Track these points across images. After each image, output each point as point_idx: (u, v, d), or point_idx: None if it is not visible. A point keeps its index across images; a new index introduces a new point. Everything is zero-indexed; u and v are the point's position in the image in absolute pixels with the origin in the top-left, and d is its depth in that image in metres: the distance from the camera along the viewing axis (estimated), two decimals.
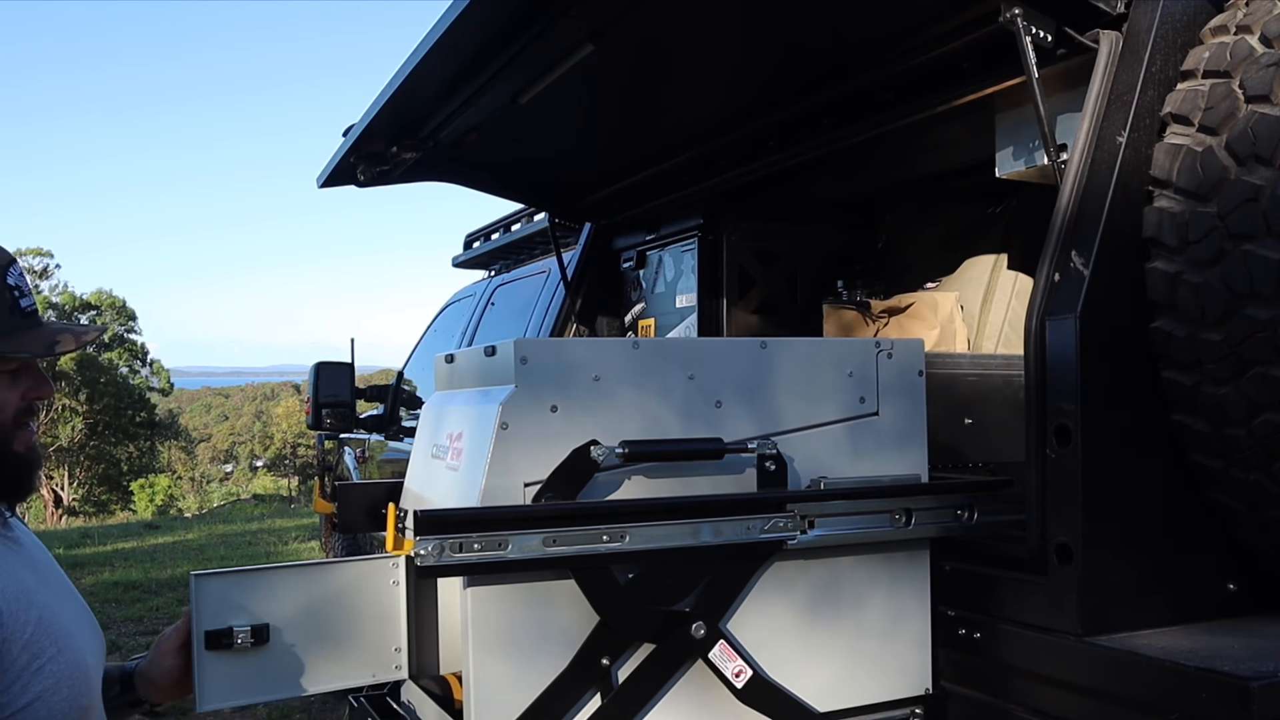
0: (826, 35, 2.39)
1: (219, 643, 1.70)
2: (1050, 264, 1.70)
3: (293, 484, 43.39)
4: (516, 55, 2.32)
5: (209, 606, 1.72)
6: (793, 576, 1.76)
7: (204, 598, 1.71)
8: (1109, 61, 1.78)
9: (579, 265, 3.92)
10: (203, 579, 1.73)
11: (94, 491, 34.50)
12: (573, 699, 1.60)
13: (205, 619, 1.71)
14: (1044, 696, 1.68)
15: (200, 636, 1.69)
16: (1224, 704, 1.39)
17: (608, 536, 1.57)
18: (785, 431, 1.77)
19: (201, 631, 1.70)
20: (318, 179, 3.21)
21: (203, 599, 1.71)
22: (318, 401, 5.06)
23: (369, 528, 2.08)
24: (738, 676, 1.68)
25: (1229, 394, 1.59)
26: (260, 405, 69.18)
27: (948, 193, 3.22)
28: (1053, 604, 1.65)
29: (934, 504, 1.81)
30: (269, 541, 12.87)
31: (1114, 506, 1.64)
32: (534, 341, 1.68)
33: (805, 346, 1.83)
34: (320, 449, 7.26)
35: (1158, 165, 1.68)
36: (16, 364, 1.51)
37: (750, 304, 3.55)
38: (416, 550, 1.46)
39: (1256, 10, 1.66)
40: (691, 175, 3.27)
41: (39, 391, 1.55)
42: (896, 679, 1.83)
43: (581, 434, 1.63)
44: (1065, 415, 1.63)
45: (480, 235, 5.72)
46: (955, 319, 2.81)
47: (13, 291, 1.50)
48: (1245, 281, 1.54)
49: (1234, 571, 1.75)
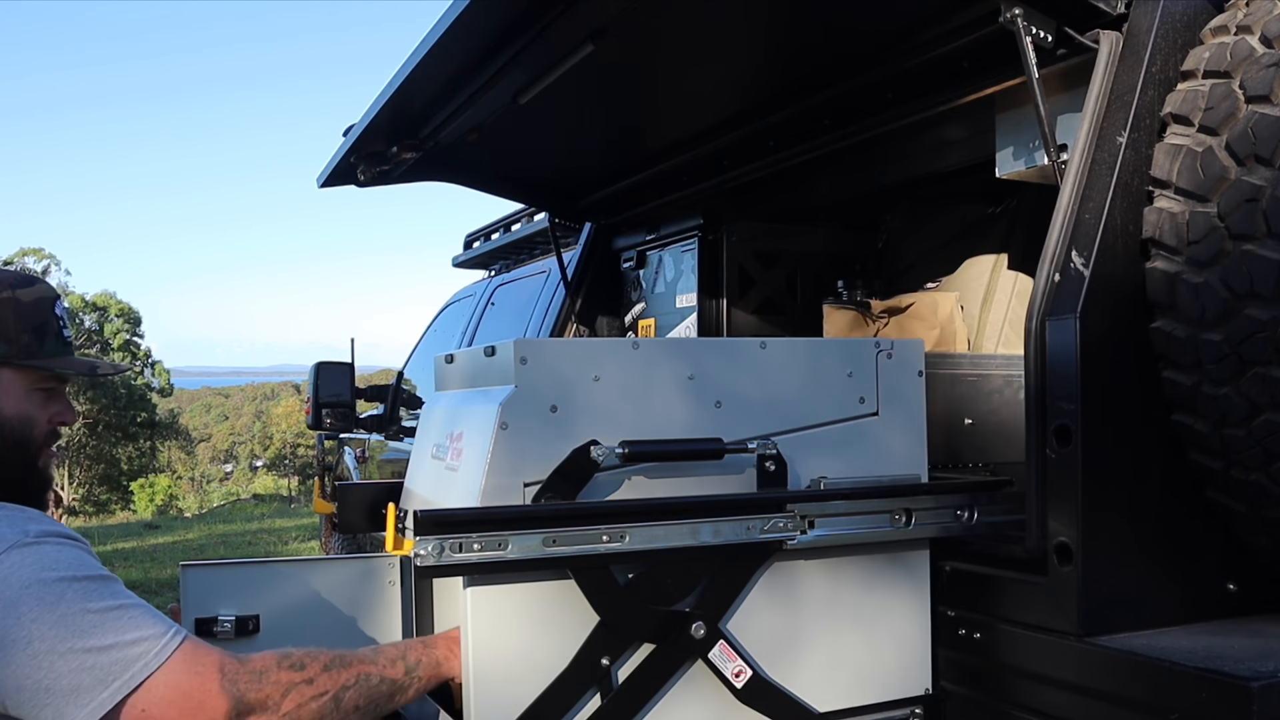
0: (826, 35, 2.39)
1: (207, 631, 1.79)
2: (1050, 264, 1.70)
3: (293, 484, 43.40)
4: (516, 55, 2.32)
5: (196, 596, 1.81)
6: (793, 577, 1.76)
7: (191, 588, 1.81)
8: (1109, 62, 1.78)
9: (579, 265, 3.92)
10: (190, 569, 1.83)
11: (94, 491, 34.51)
12: (573, 699, 1.60)
13: (193, 607, 1.80)
14: (1044, 697, 1.68)
15: (190, 624, 1.79)
16: (1224, 704, 1.39)
17: (608, 536, 1.57)
18: (785, 431, 1.77)
19: (191, 619, 1.80)
20: (318, 179, 3.21)
21: (190, 589, 1.81)
22: (318, 401, 5.05)
23: (369, 528, 2.08)
24: (737, 677, 1.68)
25: (1229, 394, 1.59)
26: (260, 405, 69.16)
27: (948, 193, 3.22)
28: (1052, 604, 1.65)
29: (934, 504, 1.81)
30: (269, 541, 12.87)
31: (1114, 507, 1.64)
32: (534, 341, 1.68)
33: (805, 346, 1.83)
34: (320, 449, 7.26)
35: (1158, 165, 1.68)
36: (52, 385, 1.68)
37: (750, 304, 3.55)
38: (416, 550, 1.46)
39: (1257, 10, 1.66)
40: (691, 175, 3.27)
41: (65, 417, 1.71)
42: (896, 679, 1.83)
43: (581, 434, 1.63)
44: (1065, 415, 1.63)
45: (480, 235, 5.72)
46: (955, 319, 2.81)
47: (59, 321, 1.69)
48: (1245, 282, 1.54)
49: (1234, 571, 1.75)
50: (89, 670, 1.36)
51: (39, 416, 1.66)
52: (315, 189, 3.38)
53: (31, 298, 1.66)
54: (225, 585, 1.84)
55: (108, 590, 1.44)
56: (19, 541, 1.42)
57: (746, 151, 3.01)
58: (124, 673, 1.37)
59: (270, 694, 1.45)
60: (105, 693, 1.36)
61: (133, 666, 1.38)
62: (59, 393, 1.70)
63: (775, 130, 2.86)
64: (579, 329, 3.88)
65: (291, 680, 1.48)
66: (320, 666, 1.51)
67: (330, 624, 1.89)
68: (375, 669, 1.56)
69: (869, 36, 2.35)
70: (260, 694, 1.45)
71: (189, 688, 1.41)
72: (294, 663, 1.50)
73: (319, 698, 1.49)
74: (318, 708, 1.49)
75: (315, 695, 1.49)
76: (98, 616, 1.40)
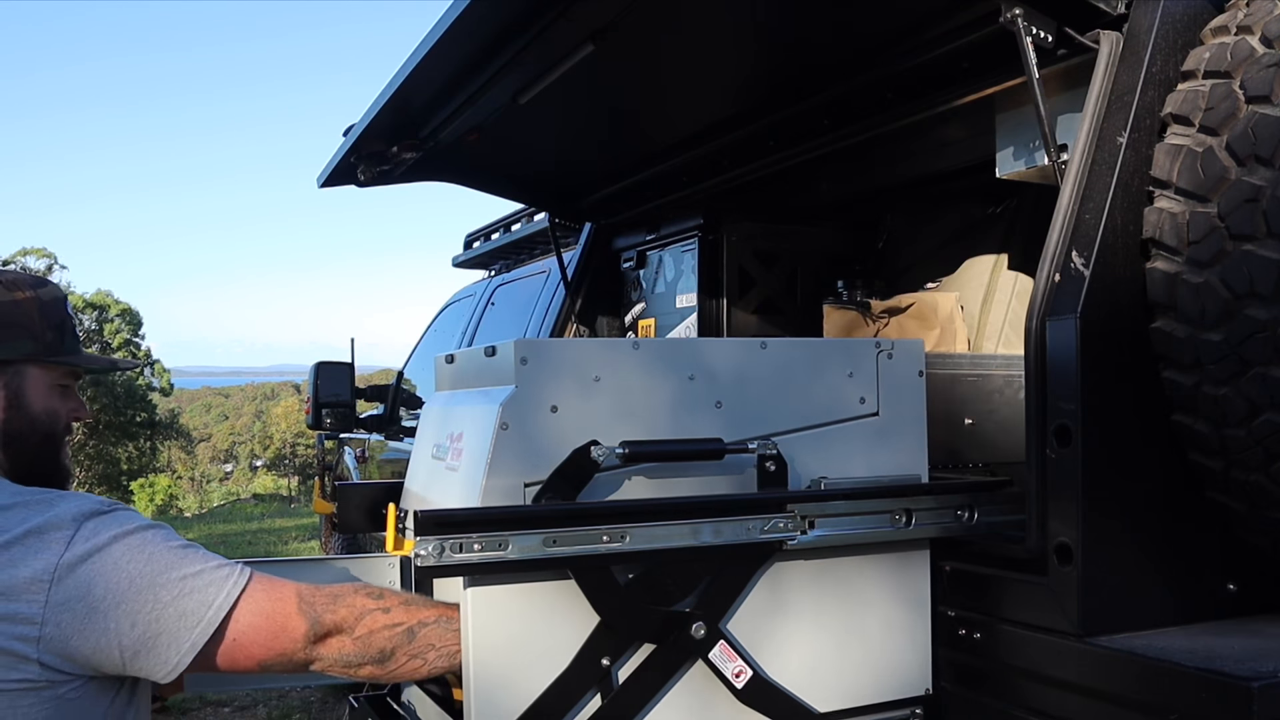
0: (827, 35, 2.39)
1: None
2: (1050, 264, 1.70)
3: (293, 484, 43.39)
4: (516, 55, 2.32)
5: None
6: (793, 577, 1.76)
7: None
8: (1109, 62, 1.78)
9: (579, 265, 3.92)
10: None
11: (94, 491, 34.50)
12: (573, 699, 1.60)
13: None
14: (1044, 697, 1.68)
15: None
16: (1224, 704, 1.39)
17: (608, 537, 1.57)
18: (785, 432, 1.77)
19: None
20: (318, 179, 3.21)
21: None
22: (318, 401, 5.06)
23: (369, 528, 2.08)
24: (738, 677, 1.68)
25: (1229, 394, 1.59)
26: (260, 405, 69.16)
27: (948, 193, 3.22)
28: (1053, 604, 1.65)
29: (934, 504, 1.81)
30: (269, 541, 12.88)
31: (1114, 507, 1.64)
32: (534, 342, 1.68)
33: (805, 347, 1.83)
34: (320, 449, 7.26)
35: (1158, 166, 1.68)
36: (69, 382, 1.74)
37: (750, 304, 3.55)
38: (417, 550, 1.46)
39: (1257, 11, 1.66)
40: (691, 175, 3.27)
41: (80, 413, 1.77)
42: (896, 679, 1.83)
43: (582, 434, 1.63)
44: (1065, 415, 1.63)
45: (480, 235, 5.72)
46: (955, 319, 2.81)
47: (72, 320, 1.75)
48: (1245, 282, 1.54)
49: (1234, 571, 1.75)
50: (190, 595, 1.49)
51: (60, 409, 1.72)
52: (315, 188, 3.38)
53: (50, 297, 1.72)
54: None
55: (175, 535, 1.57)
56: (94, 510, 1.53)
57: (746, 151, 3.01)
58: (220, 592, 1.51)
59: (345, 616, 1.56)
60: (210, 611, 1.49)
61: (226, 585, 1.51)
62: (72, 389, 1.76)
63: (775, 130, 2.86)
64: (579, 329, 3.88)
65: (366, 606, 1.57)
66: (399, 600, 1.61)
67: None
68: (455, 615, 1.60)
69: (869, 36, 2.36)
70: (335, 616, 1.55)
71: (271, 611, 1.53)
72: (372, 592, 1.60)
73: (393, 627, 1.58)
74: (390, 635, 1.57)
75: (390, 625, 1.57)
76: (181, 551, 1.53)
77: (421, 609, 1.61)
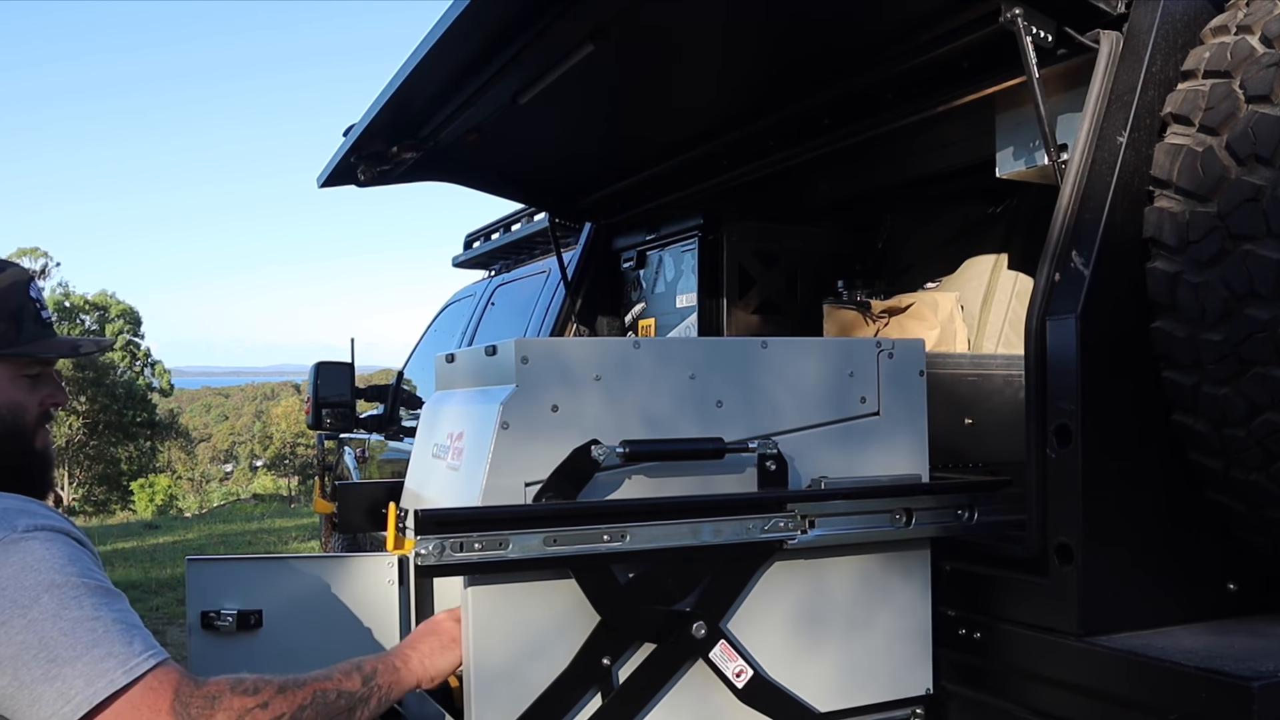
0: (827, 35, 2.40)
1: (209, 624, 1.86)
2: (1050, 264, 1.70)
3: (293, 484, 43.41)
4: (516, 55, 2.32)
5: (200, 590, 1.88)
6: (793, 576, 1.76)
7: (195, 581, 1.88)
8: (1109, 62, 1.78)
9: (579, 265, 3.93)
10: (195, 563, 1.91)
11: (94, 491, 34.51)
12: (573, 699, 1.60)
13: (197, 601, 1.87)
14: (1044, 697, 1.68)
15: (195, 616, 1.86)
16: (1224, 704, 1.40)
17: (608, 536, 1.57)
18: (786, 431, 1.77)
19: (197, 611, 1.86)
20: (318, 179, 3.21)
21: (195, 583, 1.88)
22: (318, 401, 5.06)
23: (369, 528, 2.08)
24: (738, 676, 1.68)
25: (1229, 394, 1.59)
26: (260, 405, 69.16)
27: (948, 193, 3.22)
28: (1053, 604, 1.65)
29: (934, 504, 1.81)
30: (269, 541, 12.88)
31: (1114, 507, 1.64)
32: (535, 341, 1.68)
33: (806, 346, 1.83)
34: (320, 449, 7.26)
35: (1158, 165, 1.68)
36: (38, 370, 1.67)
37: (750, 304, 3.55)
38: (417, 549, 1.46)
39: (1257, 10, 1.66)
40: (691, 175, 3.27)
41: (56, 398, 1.71)
42: (897, 679, 1.83)
43: (582, 434, 1.63)
44: (1065, 415, 1.64)
45: (480, 235, 5.72)
46: (955, 319, 2.81)
47: (35, 304, 1.67)
48: (1245, 281, 1.55)
49: (1234, 571, 1.75)
50: (51, 681, 1.32)
51: (28, 402, 1.65)
52: (315, 188, 3.38)
53: (4, 284, 1.63)
54: (229, 580, 1.89)
55: (87, 598, 1.39)
56: (4, 538, 1.38)
57: (746, 151, 3.01)
58: (87, 689, 1.33)
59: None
60: (67, 708, 1.32)
61: (95, 684, 1.33)
62: (47, 375, 1.69)
63: (775, 130, 2.86)
64: (579, 329, 3.89)
65: (245, 705, 1.42)
66: (274, 689, 1.46)
67: (332, 619, 1.92)
68: (330, 685, 1.52)
69: (869, 36, 2.36)
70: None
71: (141, 713, 1.35)
72: (247, 688, 1.44)
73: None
74: None
75: (271, 719, 1.44)
76: (69, 626, 1.36)
77: (296, 693, 1.47)
